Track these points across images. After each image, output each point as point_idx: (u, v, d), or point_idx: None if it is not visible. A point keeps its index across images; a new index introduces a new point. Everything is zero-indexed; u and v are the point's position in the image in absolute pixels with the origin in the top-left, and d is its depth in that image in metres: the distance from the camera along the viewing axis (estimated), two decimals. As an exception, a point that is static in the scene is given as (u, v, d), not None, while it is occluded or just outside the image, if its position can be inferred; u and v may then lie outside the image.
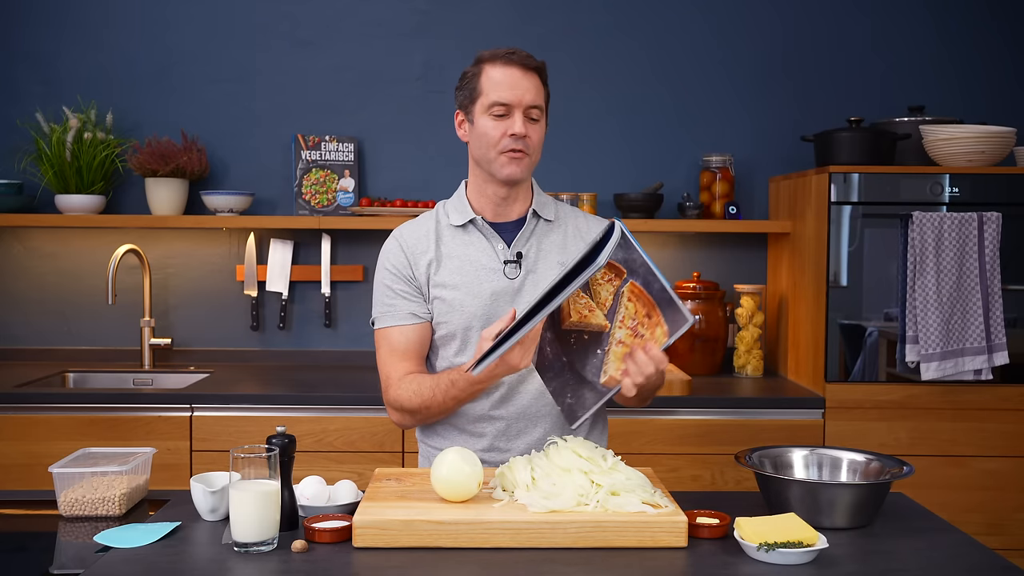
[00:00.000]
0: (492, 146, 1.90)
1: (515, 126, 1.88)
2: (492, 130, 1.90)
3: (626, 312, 1.73)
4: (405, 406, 1.94)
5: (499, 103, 1.88)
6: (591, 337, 1.77)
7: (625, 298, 1.74)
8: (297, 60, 3.52)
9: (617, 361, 1.74)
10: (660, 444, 2.90)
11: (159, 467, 2.29)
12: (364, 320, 3.51)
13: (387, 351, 1.98)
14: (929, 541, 1.64)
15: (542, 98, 1.92)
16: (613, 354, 1.75)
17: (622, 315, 1.74)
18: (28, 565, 1.68)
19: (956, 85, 3.53)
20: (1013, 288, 2.94)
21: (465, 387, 1.86)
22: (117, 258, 3.28)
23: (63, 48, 3.50)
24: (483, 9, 3.52)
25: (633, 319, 1.73)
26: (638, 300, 1.73)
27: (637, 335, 1.73)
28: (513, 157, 1.90)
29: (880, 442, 2.92)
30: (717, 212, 3.42)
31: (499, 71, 1.89)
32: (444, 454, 1.66)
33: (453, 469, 1.63)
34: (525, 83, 1.89)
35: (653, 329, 1.72)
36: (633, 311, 1.73)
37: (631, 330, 1.73)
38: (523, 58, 1.90)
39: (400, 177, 3.54)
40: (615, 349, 1.75)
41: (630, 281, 1.73)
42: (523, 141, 1.89)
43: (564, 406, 1.82)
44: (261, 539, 1.53)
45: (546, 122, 1.97)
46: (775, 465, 1.83)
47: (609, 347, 1.75)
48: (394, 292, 1.97)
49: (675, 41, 3.53)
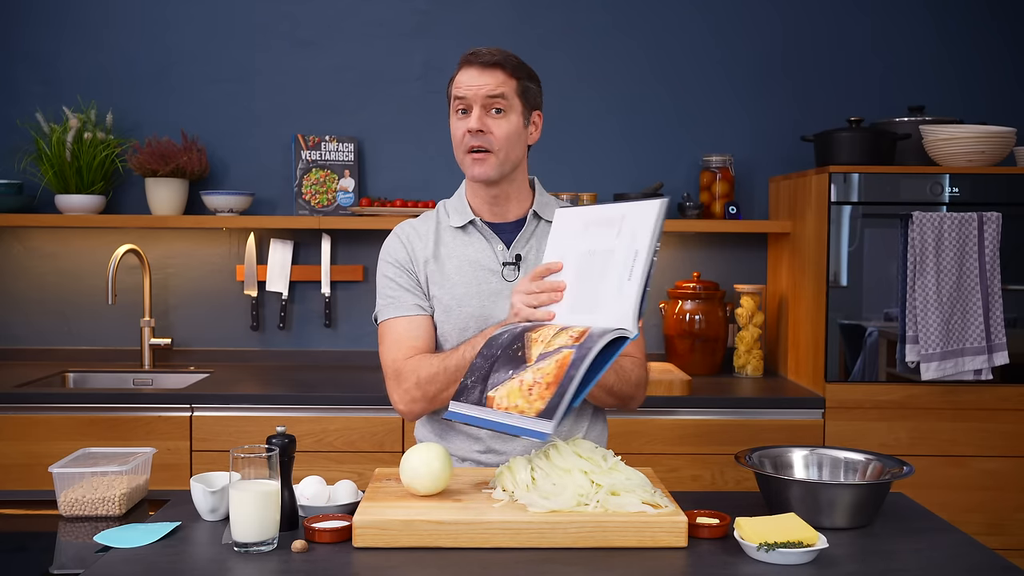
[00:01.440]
0: (458, 146, 1.91)
1: (470, 121, 1.88)
2: (457, 130, 1.91)
3: (542, 368, 1.59)
4: (420, 376, 1.86)
5: (458, 100, 1.90)
6: (515, 358, 1.65)
7: (552, 359, 1.59)
8: (297, 60, 3.52)
9: (513, 394, 1.61)
10: (660, 444, 2.90)
11: (159, 467, 2.29)
12: (364, 320, 3.51)
13: (392, 341, 1.93)
14: (929, 541, 1.64)
15: (506, 89, 1.88)
16: (508, 386, 1.62)
17: (538, 366, 1.60)
18: (28, 565, 1.68)
19: (956, 85, 3.53)
20: (1013, 288, 2.95)
21: (478, 338, 1.81)
22: (117, 258, 3.28)
23: (63, 48, 3.50)
24: (483, 9, 3.52)
25: (540, 377, 1.59)
26: (556, 368, 1.58)
27: (529, 391, 1.59)
28: (476, 158, 1.89)
29: (880, 442, 2.92)
30: (717, 212, 3.42)
31: (462, 73, 1.91)
32: (414, 448, 1.68)
33: (421, 461, 1.64)
34: (482, 79, 1.88)
35: (532, 402, 1.57)
36: (544, 373, 1.59)
37: (532, 381, 1.59)
38: (482, 55, 1.90)
39: (400, 177, 3.54)
40: (514, 382, 1.62)
41: (568, 352, 1.58)
42: (483, 137, 1.87)
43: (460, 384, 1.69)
44: (261, 539, 1.53)
45: (525, 116, 1.92)
46: (775, 465, 1.83)
47: (515, 376, 1.62)
48: (397, 284, 1.96)
49: (675, 41, 3.53)
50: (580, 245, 1.75)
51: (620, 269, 1.66)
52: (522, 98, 1.92)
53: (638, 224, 1.66)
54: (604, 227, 1.72)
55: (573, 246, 1.76)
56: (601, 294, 1.67)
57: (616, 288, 1.65)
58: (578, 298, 1.71)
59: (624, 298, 1.63)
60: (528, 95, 1.93)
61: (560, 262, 1.75)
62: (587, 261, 1.72)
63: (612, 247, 1.69)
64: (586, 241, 1.74)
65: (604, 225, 1.72)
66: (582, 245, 1.74)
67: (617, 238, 1.69)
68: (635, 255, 1.64)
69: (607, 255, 1.69)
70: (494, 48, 1.92)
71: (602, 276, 1.68)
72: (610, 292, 1.66)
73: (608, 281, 1.67)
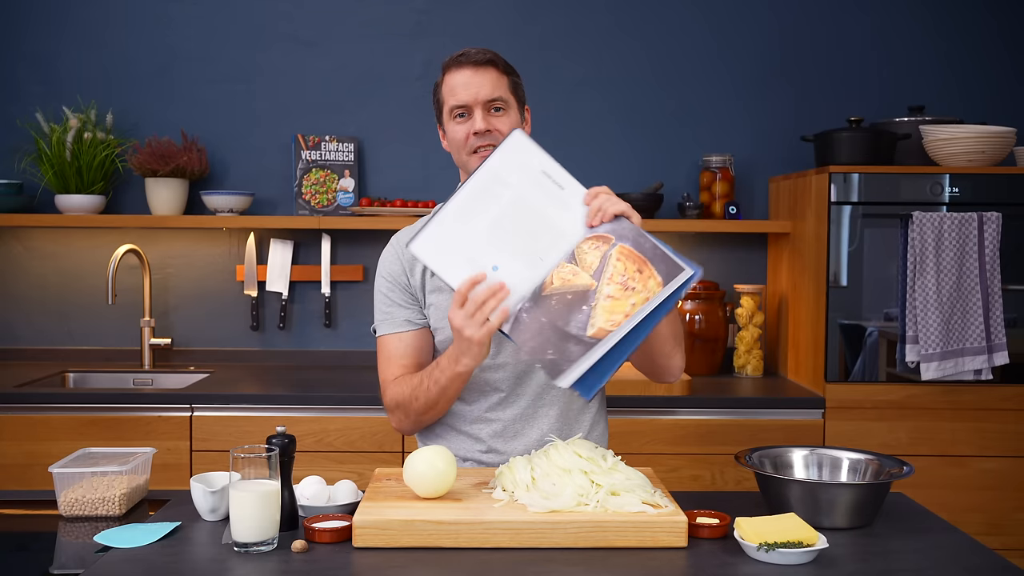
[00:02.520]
0: (461, 149, 1.92)
1: (476, 124, 1.88)
2: (458, 133, 1.91)
3: (615, 270, 1.69)
4: (398, 400, 1.93)
5: (457, 106, 1.90)
6: (576, 296, 1.69)
7: (614, 259, 1.69)
8: (297, 60, 3.52)
9: (606, 313, 1.67)
10: (660, 444, 2.90)
11: (159, 467, 2.29)
12: (364, 320, 3.51)
13: (384, 357, 1.99)
14: (929, 541, 1.64)
15: (503, 88, 1.91)
16: (601, 307, 1.68)
17: (610, 273, 1.69)
18: (28, 565, 1.68)
19: (956, 85, 3.53)
20: (1013, 288, 2.94)
21: (446, 366, 1.81)
22: (117, 258, 3.28)
23: (63, 48, 3.50)
24: (483, 9, 3.52)
25: (623, 275, 1.69)
26: (627, 259, 1.69)
27: (627, 288, 1.68)
28: (483, 156, 1.88)
29: (880, 442, 2.92)
30: (717, 212, 3.42)
31: (453, 76, 1.91)
32: (419, 450, 1.68)
33: (425, 464, 1.64)
34: (478, 80, 1.89)
35: (645, 282, 1.67)
36: (623, 268, 1.69)
37: (620, 284, 1.68)
38: (473, 56, 1.90)
39: (400, 177, 3.54)
40: (603, 303, 1.68)
41: (619, 244, 1.70)
42: (488, 136, 1.89)
43: (545, 363, 1.70)
44: (261, 539, 1.53)
45: (519, 111, 1.95)
46: (775, 465, 1.83)
47: (596, 302, 1.68)
48: (390, 300, 1.98)
49: (675, 41, 3.53)
50: (525, 188, 1.74)
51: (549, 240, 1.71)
52: (515, 94, 1.95)
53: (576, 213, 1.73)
54: (551, 188, 1.73)
55: (519, 183, 1.74)
56: (531, 250, 1.71)
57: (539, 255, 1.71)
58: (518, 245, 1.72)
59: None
60: (518, 91, 1.96)
61: (484, 274, 1.71)
62: (526, 209, 1.73)
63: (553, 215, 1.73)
64: (530, 187, 1.73)
65: (551, 187, 1.74)
66: (527, 189, 1.74)
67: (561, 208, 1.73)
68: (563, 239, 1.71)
69: (544, 217, 1.72)
70: (479, 48, 1.93)
71: (534, 235, 1.72)
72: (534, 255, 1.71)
73: (538, 244, 1.72)
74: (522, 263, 1.71)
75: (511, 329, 1.70)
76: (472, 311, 1.69)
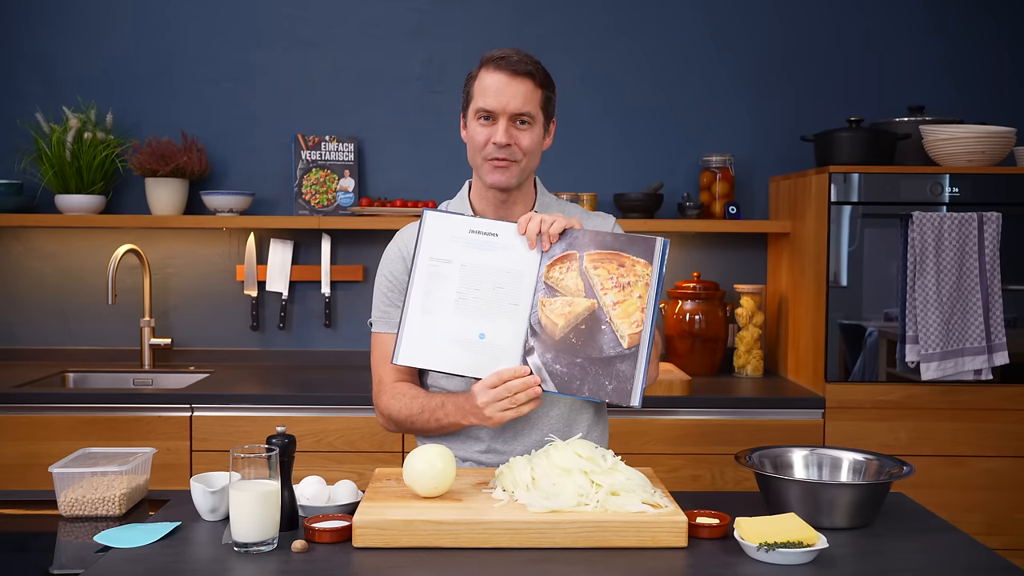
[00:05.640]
0: (478, 151, 1.90)
1: (497, 135, 1.86)
2: (478, 135, 1.89)
3: (600, 279, 1.73)
4: (393, 415, 1.95)
5: (483, 110, 1.87)
6: (587, 323, 1.74)
7: (592, 270, 1.74)
8: (297, 60, 3.52)
9: (626, 319, 1.73)
10: (660, 444, 2.90)
11: (159, 467, 2.29)
12: (364, 320, 3.50)
13: (379, 354, 1.99)
14: (929, 541, 1.64)
15: (533, 104, 1.88)
16: (617, 317, 1.73)
17: (599, 284, 1.73)
18: (28, 565, 1.68)
19: (956, 85, 3.53)
20: (1013, 288, 2.95)
21: (452, 413, 1.86)
22: (117, 258, 3.28)
23: (63, 48, 3.50)
24: (483, 9, 3.52)
25: (611, 277, 1.73)
26: (602, 262, 1.73)
27: (624, 286, 1.73)
28: (497, 166, 1.88)
29: (880, 442, 2.92)
30: (717, 212, 3.42)
31: (489, 76, 1.87)
32: (418, 449, 1.68)
33: (425, 464, 1.64)
34: (511, 89, 1.85)
35: (633, 269, 1.73)
36: (606, 273, 1.73)
37: (616, 287, 1.73)
38: (514, 63, 1.86)
39: (400, 177, 3.54)
40: (615, 313, 1.73)
41: (584, 255, 1.75)
42: (507, 149, 1.87)
43: (609, 393, 1.73)
44: (261, 539, 1.53)
45: (544, 126, 1.93)
46: (775, 465, 1.83)
47: (609, 316, 1.74)
48: (389, 300, 1.98)
49: (675, 41, 3.53)
50: (468, 255, 1.80)
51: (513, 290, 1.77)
52: (544, 109, 1.92)
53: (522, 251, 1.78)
54: (484, 243, 1.80)
55: (461, 254, 1.81)
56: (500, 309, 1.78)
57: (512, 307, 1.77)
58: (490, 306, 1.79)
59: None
60: (549, 106, 1.94)
61: (529, 368, 1.77)
62: (479, 273, 1.79)
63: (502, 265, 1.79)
64: (471, 253, 1.80)
65: (484, 242, 1.80)
66: (471, 256, 1.80)
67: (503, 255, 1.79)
68: (521, 280, 1.77)
69: (500, 272, 1.79)
70: (523, 54, 1.88)
71: (496, 290, 1.78)
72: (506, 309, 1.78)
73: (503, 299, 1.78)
74: (502, 319, 1.78)
75: (557, 386, 1.76)
76: (502, 396, 1.76)
